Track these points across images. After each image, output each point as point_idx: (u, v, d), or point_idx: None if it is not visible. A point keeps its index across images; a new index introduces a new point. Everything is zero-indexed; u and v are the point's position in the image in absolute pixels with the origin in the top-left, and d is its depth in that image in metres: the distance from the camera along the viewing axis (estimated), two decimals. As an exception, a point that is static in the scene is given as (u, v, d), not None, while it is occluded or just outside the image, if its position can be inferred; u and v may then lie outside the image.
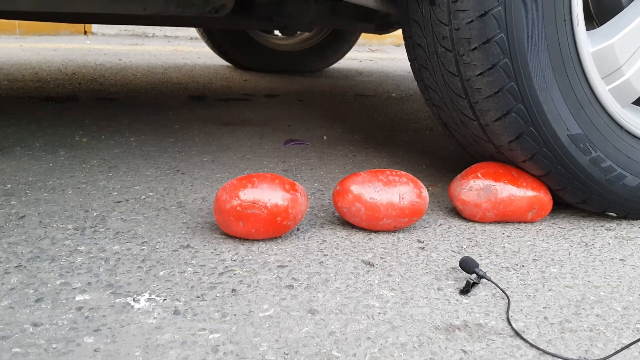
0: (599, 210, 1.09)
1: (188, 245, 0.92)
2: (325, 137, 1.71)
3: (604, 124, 1.03)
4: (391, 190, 0.98)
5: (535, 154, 1.02)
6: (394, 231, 1.02)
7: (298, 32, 3.03)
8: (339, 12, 2.24)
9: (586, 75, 1.01)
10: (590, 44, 1.01)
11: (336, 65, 3.59)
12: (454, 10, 0.99)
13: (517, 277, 0.88)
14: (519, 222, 1.09)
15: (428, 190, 1.25)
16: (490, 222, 1.08)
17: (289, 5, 2.14)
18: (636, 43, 1.03)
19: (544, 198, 1.07)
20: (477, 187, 1.05)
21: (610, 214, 1.11)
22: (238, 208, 0.91)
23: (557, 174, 1.03)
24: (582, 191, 1.05)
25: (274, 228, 0.92)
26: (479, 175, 1.06)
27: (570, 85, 0.99)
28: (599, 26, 1.12)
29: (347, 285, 0.82)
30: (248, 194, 0.91)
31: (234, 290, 0.80)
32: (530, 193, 1.05)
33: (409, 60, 1.20)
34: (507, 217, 1.06)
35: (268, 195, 0.91)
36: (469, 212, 1.06)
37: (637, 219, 1.13)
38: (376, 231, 1.02)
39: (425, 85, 1.17)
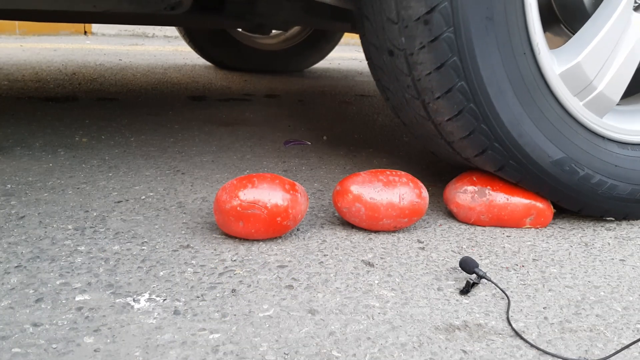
0: (598, 215, 1.10)
1: (188, 246, 0.92)
2: (325, 137, 1.71)
3: (585, 140, 1.02)
4: (391, 190, 0.98)
5: (520, 180, 1.03)
6: (394, 231, 1.02)
7: (280, 32, 3.00)
8: (314, 11, 2.19)
9: (557, 98, 0.99)
10: (556, 65, 0.99)
11: (336, 65, 3.59)
12: (412, 63, 0.97)
13: (517, 277, 0.88)
14: (519, 222, 1.09)
15: (428, 191, 1.25)
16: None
17: (261, 4, 2.10)
18: (604, 55, 1.01)
19: (541, 205, 1.05)
20: (471, 190, 1.05)
21: (609, 218, 1.12)
22: (238, 208, 0.91)
23: (549, 191, 1.04)
24: (577, 202, 1.06)
25: (274, 228, 0.92)
26: (474, 179, 1.06)
27: (542, 113, 0.98)
28: (567, 28, 1.11)
29: (347, 286, 0.82)
30: (248, 194, 0.91)
31: (234, 290, 0.80)
32: (525, 200, 1.05)
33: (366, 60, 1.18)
34: (502, 221, 1.06)
35: (268, 195, 0.91)
36: (464, 215, 1.06)
37: (636, 219, 1.13)
38: (376, 231, 1.02)
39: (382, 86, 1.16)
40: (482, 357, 0.67)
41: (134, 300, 0.76)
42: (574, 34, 1.08)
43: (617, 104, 1.12)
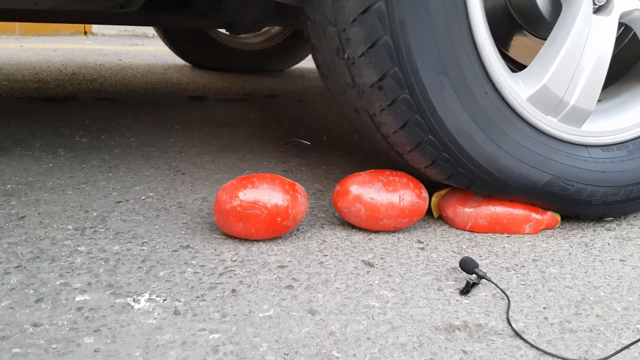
0: (596, 218, 1.11)
1: (188, 246, 0.92)
2: (325, 137, 1.71)
3: (567, 154, 1.01)
4: (391, 190, 0.98)
5: (512, 200, 1.04)
6: (394, 231, 1.02)
7: (261, 31, 2.95)
8: (286, 10, 2.13)
9: (530, 123, 0.98)
10: (523, 89, 0.98)
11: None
12: (378, 123, 0.97)
13: (517, 277, 0.88)
14: (519, 223, 1.09)
15: (428, 191, 1.25)
16: (490, 223, 1.08)
17: (227, 1, 2.04)
18: (570, 71, 0.98)
19: (543, 213, 1.05)
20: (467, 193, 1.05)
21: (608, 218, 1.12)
22: (238, 208, 0.91)
23: (545, 207, 1.05)
24: (573, 212, 1.07)
25: (274, 228, 0.92)
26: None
27: (519, 144, 0.97)
28: (529, 32, 1.11)
29: (347, 286, 0.82)
30: (248, 195, 0.91)
31: (234, 290, 0.80)
32: (522, 211, 1.04)
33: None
34: (501, 227, 1.04)
35: (268, 195, 0.91)
36: (460, 221, 1.04)
37: (635, 212, 1.13)
38: (376, 231, 1.02)
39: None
40: (482, 357, 0.67)
41: (134, 300, 0.76)
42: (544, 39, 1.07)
43: (598, 101, 1.11)
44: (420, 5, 0.88)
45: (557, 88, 0.99)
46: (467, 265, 0.84)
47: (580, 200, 1.03)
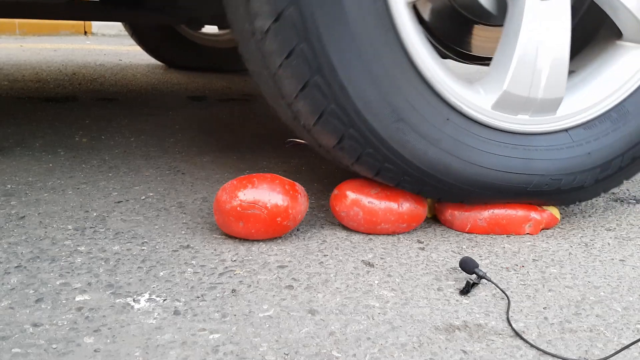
0: (598, 194, 1.09)
1: (188, 246, 0.92)
2: (325, 138, 1.71)
3: (549, 149, 1.00)
4: (390, 195, 0.98)
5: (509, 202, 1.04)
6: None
7: (224, 28, 2.88)
8: None
9: (504, 130, 0.97)
10: (486, 97, 0.96)
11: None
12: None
13: (517, 277, 0.88)
14: (519, 223, 1.09)
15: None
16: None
17: None
18: (528, 70, 0.95)
19: (542, 212, 1.04)
20: None
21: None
22: (238, 208, 0.91)
23: (542, 204, 1.05)
24: (571, 201, 1.07)
25: (274, 228, 0.92)
26: None
27: (498, 154, 0.96)
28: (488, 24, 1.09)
29: (347, 286, 0.82)
30: (248, 195, 0.91)
31: (234, 290, 0.80)
32: (521, 211, 1.03)
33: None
34: (500, 227, 1.03)
35: (268, 195, 0.91)
36: (459, 223, 1.03)
37: (614, 187, 1.11)
38: (376, 231, 1.02)
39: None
40: (482, 357, 0.67)
41: (134, 300, 0.76)
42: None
43: (571, 72, 1.08)
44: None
45: (520, 89, 0.96)
46: (467, 265, 0.84)
47: (573, 188, 1.02)
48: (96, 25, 5.28)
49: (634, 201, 1.23)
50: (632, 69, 1.04)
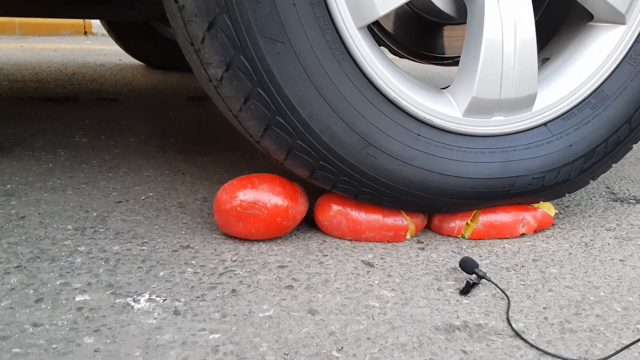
0: (587, 183, 1.07)
1: (188, 246, 0.92)
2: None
3: (528, 147, 0.98)
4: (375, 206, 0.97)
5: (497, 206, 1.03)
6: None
7: None
8: None
9: (481, 135, 0.95)
10: (457, 109, 0.94)
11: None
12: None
13: (517, 277, 0.88)
14: (519, 223, 1.09)
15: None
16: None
17: None
18: (496, 72, 0.92)
19: (534, 210, 1.03)
20: None
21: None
22: (238, 208, 0.91)
23: (531, 202, 1.05)
24: (559, 195, 1.05)
25: (274, 228, 0.92)
26: None
27: (477, 162, 0.95)
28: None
29: (347, 286, 0.82)
30: (248, 195, 0.91)
31: (234, 290, 0.80)
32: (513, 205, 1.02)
33: None
34: (494, 228, 1.01)
35: (268, 195, 0.91)
36: (447, 227, 1.02)
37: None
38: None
39: None
40: (482, 358, 0.67)
41: (134, 300, 0.76)
42: None
43: (545, 60, 1.05)
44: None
45: (490, 93, 0.94)
46: (467, 265, 0.84)
47: (557, 182, 1.00)
48: (96, 26, 5.28)
49: (634, 201, 1.23)
50: (606, 50, 1.00)
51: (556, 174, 1.00)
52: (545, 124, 0.99)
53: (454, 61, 1.34)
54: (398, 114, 0.90)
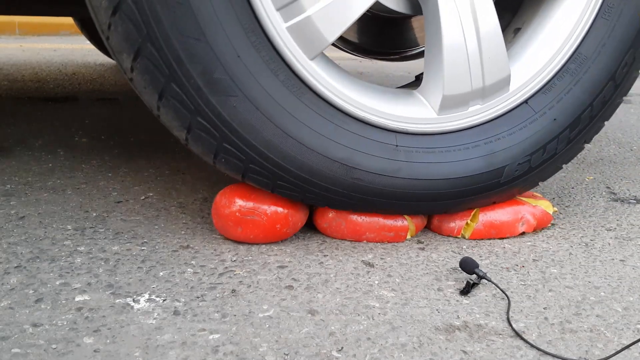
0: (577, 154, 1.04)
1: (188, 246, 0.92)
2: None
3: (511, 133, 0.96)
4: None
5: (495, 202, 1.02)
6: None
7: None
8: None
9: (462, 128, 0.94)
10: (432, 109, 0.92)
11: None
12: None
13: (517, 277, 0.87)
14: (519, 223, 1.09)
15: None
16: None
17: None
18: (463, 66, 0.90)
19: (533, 208, 1.02)
20: None
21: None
22: (237, 214, 0.90)
23: (524, 190, 1.03)
24: (551, 174, 1.03)
25: (273, 235, 0.92)
26: None
27: (463, 160, 0.93)
28: None
29: (347, 286, 0.82)
30: (247, 200, 0.90)
31: (234, 290, 0.80)
32: (512, 204, 1.01)
33: None
34: (494, 228, 1.00)
35: (268, 202, 0.91)
36: (447, 227, 1.01)
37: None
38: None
39: None
40: (483, 358, 0.67)
41: (133, 300, 0.76)
42: None
43: (516, 30, 1.01)
44: None
45: (461, 88, 0.91)
46: (467, 266, 0.84)
47: (545, 160, 0.98)
48: (96, 25, 5.26)
49: (634, 201, 1.23)
50: (578, 8, 0.95)
51: (542, 152, 0.97)
52: (526, 101, 0.96)
53: None
54: (372, 130, 0.89)
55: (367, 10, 0.88)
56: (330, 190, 0.89)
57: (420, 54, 1.37)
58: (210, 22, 0.78)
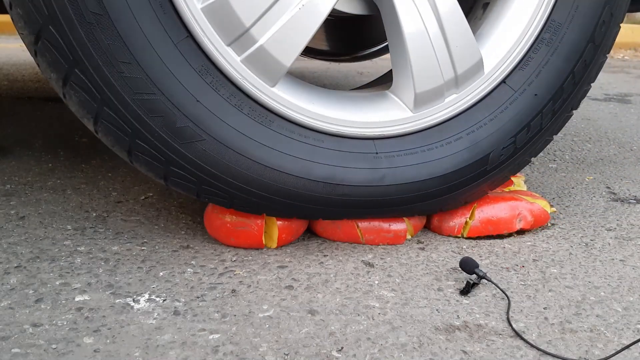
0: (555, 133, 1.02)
1: (188, 246, 0.92)
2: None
3: (493, 117, 0.93)
4: None
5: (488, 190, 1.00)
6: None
7: None
8: None
9: (442, 121, 0.92)
10: (407, 108, 0.90)
11: (336, 65, 3.60)
12: None
13: (517, 277, 0.87)
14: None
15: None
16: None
17: None
18: (430, 57, 0.88)
19: (530, 205, 1.02)
20: None
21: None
22: (228, 225, 0.90)
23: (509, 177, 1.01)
24: (534, 154, 1.02)
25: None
26: None
27: (448, 156, 0.92)
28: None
29: (347, 286, 0.82)
30: (238, 216, 0.89)
31: (234, 290, 0.80)
32: (509, 200, 1.01)
33: None
34: (491, 224, 1.00)
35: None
36: (447, 227, 1.00)
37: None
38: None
39: None
40: (483, 358, 0.67)
41: (133, 300, 0.76)
42: None
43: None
44: None
45: (432, 82, 0.89)
46: (467, 266, 0.84)
47: (531, 137, 0.95)
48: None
49: (634, 201, 1.23)
50: None
51: (526, 132, 0.95)
52: (503, 81, 0.93)
53: None
54: (349, 143, 0.88)
55: (330, 16, 0.85)
56: (320, 209, 0.89)
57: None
58: (161, 75, 0.76)
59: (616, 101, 2.36)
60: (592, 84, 1.00)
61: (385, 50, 1.66)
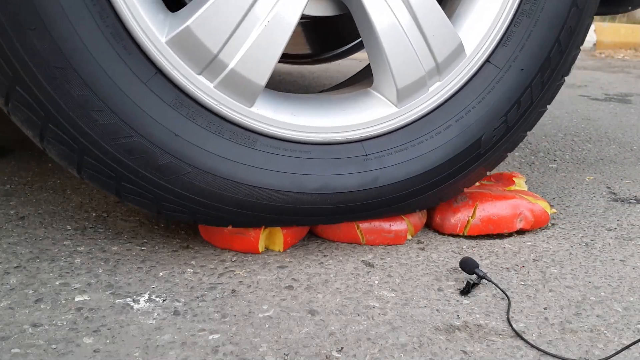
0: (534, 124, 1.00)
1: (188, 246, 0.92)
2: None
3: (479, 100, 0.91)
4: None
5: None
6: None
7: None
8: None
9: (431, 110, 0.91)
10: (391, 103, 0.88)
11: (336, 65, 3.60)
12: None
13: (518, 277, 0.87)
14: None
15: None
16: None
17: None
18: (408, 52, 0.86)
19: (531, 205, 1.02)
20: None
21: None
22: (224, 230, 0.89)
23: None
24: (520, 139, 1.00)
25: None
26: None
27: (435, 146, 0.90)
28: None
29: (347, 286, 0.82)
30: None
31: (233, 290, 0.79)
32: (511, 199, 1.01)
33: None
34: (492, 223, 1.00)
35: None
36: (449, 224, 1.00)
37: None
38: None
39: None
40: (483, 358, 0.67)
41: (133, 300, 0.76)
42: None
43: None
44: None
45: (415, 76, 0.87)
46: (468, 266, 0.84)
47: (522, 113, 0.93)
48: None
49: (634, 201, 1.23)
50: None
51: (517, 108, 0.92)
52: (487, 60, 0.90)
53: None
54: (337, 149, 0.87)
55: (304, 19, 0.85)
56: (319, 218, 0.88)
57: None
58: (135, 116, 0.76)
59: (616, 101, 2.36)
60: (579, 49, 0.96)
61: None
